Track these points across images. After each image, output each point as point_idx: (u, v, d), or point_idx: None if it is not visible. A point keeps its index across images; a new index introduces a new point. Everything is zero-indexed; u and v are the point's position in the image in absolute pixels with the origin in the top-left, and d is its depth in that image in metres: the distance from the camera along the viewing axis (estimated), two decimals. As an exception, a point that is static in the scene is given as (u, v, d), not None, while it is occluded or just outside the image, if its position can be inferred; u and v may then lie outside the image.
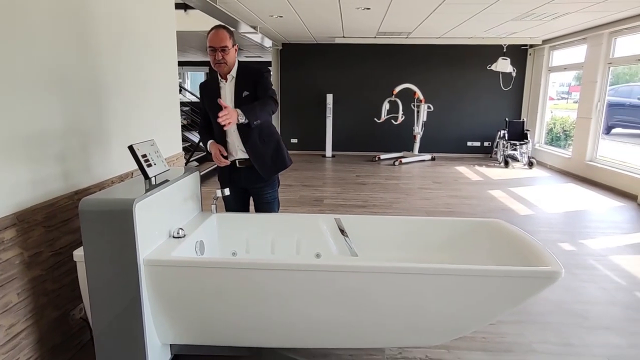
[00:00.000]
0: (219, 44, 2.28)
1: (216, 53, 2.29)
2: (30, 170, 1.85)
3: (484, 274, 1.72)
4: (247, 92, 2.36)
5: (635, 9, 5.10)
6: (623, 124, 10.87)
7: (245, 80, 2.39)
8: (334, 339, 1.92)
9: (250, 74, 2.40)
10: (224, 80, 2.40)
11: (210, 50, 2.30)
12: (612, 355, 2.22)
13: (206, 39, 2.32)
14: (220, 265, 1.80)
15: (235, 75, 2.39)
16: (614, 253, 3.62)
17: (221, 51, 2.28)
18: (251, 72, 2.40)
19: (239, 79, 2.40)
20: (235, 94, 2.39)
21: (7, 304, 1.73)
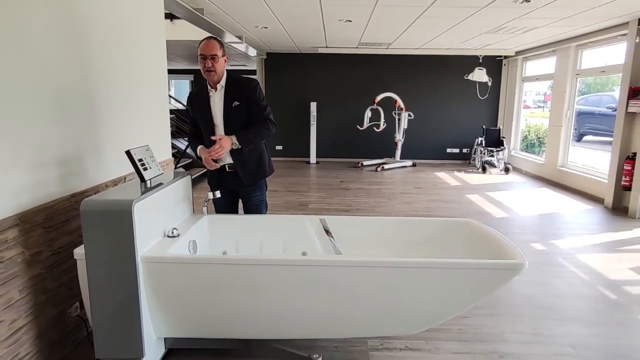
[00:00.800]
0: (209, 52, 2.42)
1: (206, 60, 2.42)
2: (31, 174, 1.94)
3: (457, 266, 1.89)
4: (237, 102, 2.49)
5: (598, 24, 5.46)
6: (593, 131, 11.40)
7: (234, 91, 2.53)
8: (320, 330, 2.06)
9: (240, 85, 2.54)
10: (214, 89, 2.53)
11: (201, 58, 2.44)
12: (576, 342, 2.41)
13: (197, 49, 2.46)
14: (213, 262, 1.93)
15: (224, 85, 2.53)
16: (581, 252, 3.86)
17: (211, 59, 2.42)
18: (241, 83, 2.54)
19: (228, 88, 2.53)
20: (224, 104, 2.52)
21: (10, 300, 1.82)
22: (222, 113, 2.51)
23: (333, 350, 2.26)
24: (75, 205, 2.27)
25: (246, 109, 2.52)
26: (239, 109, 2.50)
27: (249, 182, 2.62)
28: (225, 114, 2.50)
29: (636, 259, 3.70)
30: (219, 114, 2.52)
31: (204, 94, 2.57)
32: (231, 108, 2.50)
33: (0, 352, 1.77)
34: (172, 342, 2.16)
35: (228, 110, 2.50)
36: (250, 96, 2.52)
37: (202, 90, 2.59)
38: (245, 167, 2.58)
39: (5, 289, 1.79)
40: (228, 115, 2.50)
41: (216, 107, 2.53)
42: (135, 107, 2.92)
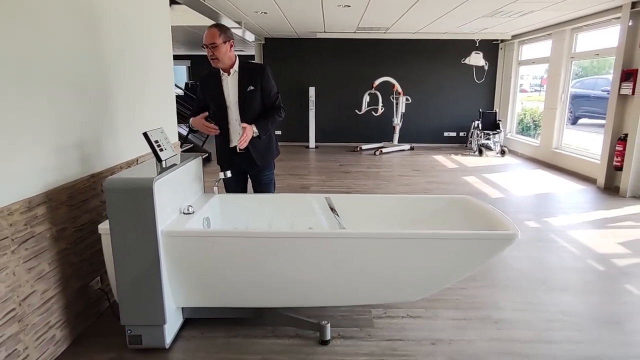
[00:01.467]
0: (208, 41, 2.52)
1: (208, 50, 2.53)
2: (54, 155, 2.06)
3: (455, 237, 2.04)
4: (252, 87, 2.62)
5: (592, 8, 5.54)
6: (588, 114, 11.54)
7: (248, 76, 2.64)
8: (328, 298, 2.22)
9: (255, 71, 2.66)
10: (227, 73, 2.63)
11: (204, 48, 2.54)
12: (566, 310, 2.59)
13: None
14: (229, 235, 2.07)
15: (237, 70, 2.64)
16: (572, 229, 4.04)
17: (211, 48, 2.52)
18: (255, 68, 2.67)
19: (242, 73, 2.64)
20: (239, 88, 2.63)
21: (41, 271, 1.95)
22: (237, 97, 2.62)
23: (340, 319, 2.42)
24: (94, 185, 2.39)
25: (259, 94, 2.65)
26: (254, 93, 2.63)
27: (260, 162, 2.75)
28: (241, 98, 2.62)
29: (625, 234, 3.88)
30: (232, 97, 2.63)
31: (216, 77, 2.66)
32: (246, 92, 2.62)
33: (34, 320, 1.91)
34: (189, 312, 2.32)
35: (243, 94, 2.62)
36: (265, 83, 2.65)
37: (214, 74, 2.68)
38: (257, 149, 2.71)
39: (37, 261, 1.93)
40: (243, 99, 2.62)
41: (230, 91, 2.64)
42: (145, 93, 3.02)
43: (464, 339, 2.25)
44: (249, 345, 2.20)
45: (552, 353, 2.14)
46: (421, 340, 2.25)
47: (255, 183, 2.86)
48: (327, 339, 2.21)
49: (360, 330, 2.33)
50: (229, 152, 2.73)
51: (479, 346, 2.19)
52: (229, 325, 2.34)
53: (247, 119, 2.63)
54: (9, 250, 1.75)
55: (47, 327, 1.99)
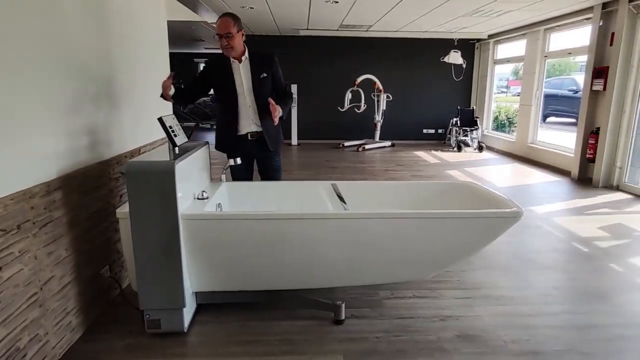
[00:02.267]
0: (224, 30, 2.54)
1: (222, 39, 2.55)
2: (67, 140, 2.03)
3: (465, 216, 2.15)
4: (264, 74, 2.68)
5: (566, 8, 5.85)
6: (556, 112, 12.10)
7: (260, 63, 2.70)
8: (342, 278, 2.28)
9: (265, 58, 2.73)
10: (238, 61, 2.66)
11: (218, 37, 2.56)
12: (557, 286, 2.76)
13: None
14: (246, 217, 2.10)
15: (248, 57, 2.67)
16: (554, 216, 4.26)
17: (226, 37, 2.55)
18: (264, 56, 2.73)
19: (254, 61, 2.69)
20: (252, 75, 2.67)
21: (59, 257, 1.93)
22: (251, 84, 2.67)
23: (350, 301, 2.49)
24: (103, 172, 2.37)
25: (270, 81, 2.72)
26: (266, 80, 2.69)
27: (273, 147, 2.80)
28: (254, 85, 2.67)
29: (603, 219, 4.13)
30: (246, 84, 2.67)
31: (225, 64, 2.67)
32: (259, 79, 2.67)
33: (53, 305, 1.88)
34: (202, 297, 2.33)
35: (256, 81, 2.67)
36: (275, 70, 2.73)
37: (222, 61, 2.68)
38: (270, 134, 2.77)
39: (55, 247, 1.90)
40: (258, 86, 2.67)
41: (242, 78, 2.67)
42: (145, 84, 3.00)
43: (471, 315, 2.37)
44: (265, 327, 2.23)
45: (553, 323, 2.28)
46: (431, 317, 2.35)
47: (265, 169, 2.89)
48: (342, 319, 2.27)
49: (371, 310, 2.41)
50: (236, 139, 2.74)
51: (486, 321, 2.31)
52: (242, 310, 2.37)
53: (261, 104, 2.68)
54: (30, 233, 1.73)
55: (65, 313, 1.97)
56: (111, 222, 2.44)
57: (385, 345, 2.08)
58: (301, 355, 2.00)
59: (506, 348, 2.07)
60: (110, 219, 2.43)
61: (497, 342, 2.11)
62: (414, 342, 2.11)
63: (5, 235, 1.58)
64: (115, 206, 2.48)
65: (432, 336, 2.16)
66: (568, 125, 10.97)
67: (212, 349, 2.04)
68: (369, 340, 2.12)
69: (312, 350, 2.04)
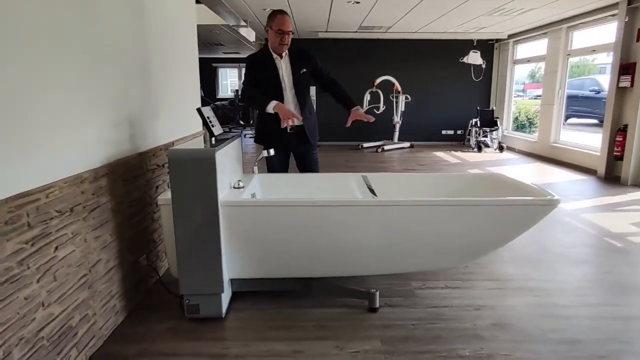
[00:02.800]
0: (288, 28, 2.65)
1: (283, 36, 2.63)
2: (113, 130, 2.11)
3: (501, 203, 2.15)
4: (304, 70, 2.77)
5: (590, 5, 5.79)
6: (577, 113, 11.91)
7: (299, 59, 2.79)
8: (376, 266, 2.30)
9: (303, 54, 2.82)
10: (279, 57, 2.74)
11: (279, 33, 2.63)
12: (594, 279, 2.72)
13: (272, 23, 2.64)
14: (284, 204, 2.14)
15: (287, 53, 2.74)
16: (583, 212, 4.20)
17: (287, 34, 2.64)
18: (300, 51, 2.82)
19: (293, 57, 2.78)
20: (292, 70, 2.76)
21: (105, 241, 2.00)
22: (292, 79, 2.75)
23: (382, 290, 2.49)
24: (142, 163, 2.44)
25: (309, 75, 2.82)
26: (306, 75, 2.79)
27: (312, 141, 2.92)
28: (295, 80, 2.76)
29: (635, 216, 4.05)
30: (287, 79, 2.76)
31: (268, 59, 2.74)
32: (300, 74, 2.76)
33: (100, 287, 1.95)
34: (237, 285, 2.37)
35: (297, 76, 2.76)
36: (314, 64, 2.83)
37: (264, 55, 2.76)
38: (309, 128, 2.87)
39: (102, 231, 1.97)
40: (298, 82, 2.76)
41: (284, 73, 2.75)
42: (178, 80, 3.08)
43: (506, 305, 2.36)
44: (300, 314, 2.26)
45: (591, 314, 2.26)
46: (465, 306, 2.34)
47: (303, 162, 2.96)
48: (376, 307, 2.28)
49: (404, 299, 2.42)
50: (279, 132, 2.78)
51: (521, 310, 2.30)
52: (276, 299, 2.40)
53: (301, 99, 2.78)
54: (81, 216, 1.79)
55: (110, 296, 2.03)
56: (148, 212, 2.51)
57: (421, 332, 2.08)
58: (337, 340, 2.02)
59: (544, 336, 2.05)
60: (147, 209, 2.50)
61: (534, 331, 2.10)
62: (449, 330, 2.11)
63: (60, 216, 1.64)
64: (152, 197, 2.55)
65: (467, 324, 2.16)
66: (590, 126, 10.80)
67: (250, 334, 2.08)
68: (404, 327, 2.13)
69: (348, 335, 2.06)
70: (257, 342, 2.01)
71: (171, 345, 1.98)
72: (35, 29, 1.51)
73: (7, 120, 1.38)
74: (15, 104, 1.41)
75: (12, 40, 1.40)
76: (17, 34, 1.42)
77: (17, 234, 1.41)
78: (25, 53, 1.47)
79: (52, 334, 1.59)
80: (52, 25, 1.61)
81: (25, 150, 1.47)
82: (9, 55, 1.39)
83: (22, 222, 1.43)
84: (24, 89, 1.46)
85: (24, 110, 1.46)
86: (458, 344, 1.98)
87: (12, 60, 1.40)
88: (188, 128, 3.24)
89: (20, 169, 1.43)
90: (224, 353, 1.92)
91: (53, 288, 1.60)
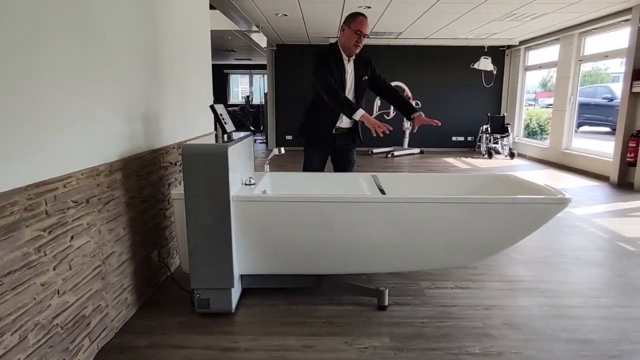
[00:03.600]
0: (367, 30, 2.70)
1: (360, 37, 2.68)
2: (128, 126, 2.16)
3: (511, 201, 2.14)
4: (365, 77, 2.81)
5: (604, 10, 5.76)
6: (590, 121, 11.79)
7: (362, 65, 2.83)
8: (387, 264, 2.30)
9: (364, 61, 2.85)
10: (348, 59, 2.78)
11: (357, 34, 2.67)
12: (606, 281, 2.68)
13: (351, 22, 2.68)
14: (295, 199, 2.15)
15: (354, 57, 2.79)
16: (596, 217, 4.15)
17: (364, 37, 2.69)
18: (366, 59, 2.86)
19: (358, 62, 2.82)
20: (355, 76, 2.80)
21: (118, 234, 2.03)
22: (354, 82, 2.80)
23: (391, 290, 2.49)
24: (155, 160, 2.48)
25: (367, 84, 2.86)
26: (366, 83, 2.84)
27: (364, 139, 2.98)
28: (357, 85, 2.81)
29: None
30: (350, 81, 2.80)
31: (338, 57, 2.77)
32: (362, 81, 2.81)
33: (113, 280, 1.98)
34: (247, 282, 2.39)
35: (359, 81, 2.81)
36: (374, 73, 2.87)
37: (336, 54, 2.77)
38: (363, 129, 2.90)
39: (116, 224, 2.01)
40: (358, 86, 2.81)
41: (349, 75, 2.80)
42: (192, 80, 3.14)
43: (516, 305, 2.34)
44: (309, 311, 2.27)
45: (604, 315, 2.23)
46: (475, 306, 2.33)
47: (344, 161, 3.02)
48: (385, 305, 2.28)
49: (414, 298, 2.41)
50: (331, 132, 2.86)
51: (532, 311, 2.27)
52: (285, 295, 2.41)
53: (360, 104, 2.79)
54: (96, 208, 1.83)
55: (122, 289, 2.06)
56: (160, 208, 2.55)
57: (431, 330, 2.07)
58: (347, 336, 2.02)
59: (556, 335, 2.03)
60: (160, 206, 2.54)
61: (545, 330, 2.08)
62: (459, 328, 2.09)
63: (77, 206, 1.68)
64: (164, 193, 2.59)
65: (477, 323, 2.14)
66: (603, 134, 10.67)
67: (260, 329, 2.09)
68: (414, 325, 2.12)
69: (357, 332, 2.06)
70: (267, 336, 2.02)
71: (181, 338, 2.00)
72: (64, 28, 1.57)
73: (31, 112, 1.42)
74: (39, 96, 1.46)
75: (40, 34, 1.45)
76: (44, 29, 1.48)
77: (35, 221, 1.44)
78: (50, 47, 1.52)
79: (66, 322, 1.62)
80: (80, 27, 1.67)
81: (47, 140, 1.51)
82: (35, 49, 1.43)
83: (40, 209, 1.47)
84: (50, 81, 1.51)
85: (47, 101, 1.50)
86: (468, 342, 1.97)
87: (37, 53, 1.45)
88: (200, 128, 3.29)
89: (40, 158, 1.48)
90: (233, 347, 1.93)
91: (68, 277, 1.63)
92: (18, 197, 1.36)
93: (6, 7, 1.32)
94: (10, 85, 1.34)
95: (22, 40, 1.39)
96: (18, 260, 1.37)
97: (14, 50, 1.35)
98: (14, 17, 1.35)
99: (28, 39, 1.42)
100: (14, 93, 1.36)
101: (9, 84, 1.33)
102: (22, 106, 1.39)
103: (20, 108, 1.38)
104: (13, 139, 1.35)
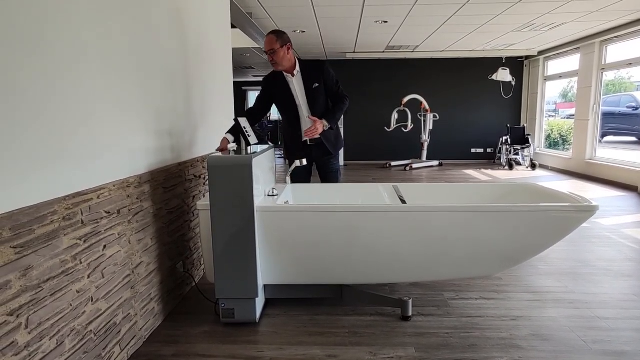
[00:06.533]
0: (267, 47, 2.71)
1: (269, 57, 2.73)
2: (156, 140, 2.23)
3: (538, 209, 2.12)
4: (317, 84, 2.81)
5: (624, 18, 5.70)
6: (615, 131, 11.52)
7: (311, 74, 2.83)
8: (411, 273, 2.29)
9: (315, 69, 2.85)
10: (291, 75, 2.82)
11: (265, 54, 2.74)
12: (635, 292, 2.60)
13: None
14: (319, 210, 2.17)
15: (299, 70, 2.82)
16: (624, 228, 4.03)
17: (270, 53, 2.71)
18: (313, 66, 2.86)
19: (305, 73, 2.83)
20: (305, 86, 2.82)
21: (147, 245, 2.09)
22: (305, 95, 2.80)
23: (414, 300, 2.48)
24: (180, 172, 2.55)
25: (324, 89, 2.83)
26: (319, 89, 2.82)
27: (334, 151, 2.92)
28: (308, 96, 2.81)
29: (680, 231, 3.86)
30: (300, 95, 2.82)
31: (281, 79, 2.84)
32: (312, 89, 2.80)
33: (141, 289, 2.03)
34: (271, 292, 2.41)
35: (310, 91, 2.81)
36: (326, 78, 2.85)
37: (278, 76, 2.85)
38: (329, 139, 2.88)
39: (144, 235, 2.07)
40: (311, 97, 2.81)
41: (297, 90, 2.83)
42: (214, 95, 3.23)
43: (544, 316, 2.29)
44: (333, 321, 2.27)
45: (638, 327, 2.16)
46: (501, 316, 2.29)
47: (325, 171, 3.00)
48: (408, 315, 2.27)
49: (438, 309, 2.39)
50: (301, 145, 2.88)
51: (561, 322, 2.22)
52: (308, 306, 2.42)
53: (317, 114, 2.80)
54: (126, 219, 1.90)
55: (149, 298, 2.11)
56: (185, 220, 2.61)
57: (456, 340, 2.05)
58: (371, 346, 2.01)
59: (587, 347, 1.97)
60: (185, 217, 2.60)
61: (576, 342, 2.02)
62: (485, 339, 2.06)
63: (109, 216, 1.75)
64: (189, 205, 2.66)
65: (504, 334, 2.10)
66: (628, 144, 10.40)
67: (284, 339, 2.10)
68: (439, 335, 2.09)
69: (381, 342, 2.05)
70: (292, 346, 2.03)
71: (207, 347, 2.02)
72: (108, 51, 1.66)
73: (70, 128, 1.50)
74: (78, 112, 1.54)
75: (87, 59, 1.54)
76: (89, 52, 1.57)
77: (72, 230, 1.51)
78: (93, 66, 1.61)
79: (99, 329, 1.67)
80: (117, 49, 1.76)
81: (83, 154, 1.58)
82: (77, 70, 1.52)
83: (77, 219, 1.53)
84: (89, 97, 1.59)
85: (84, 116, 1.58)
86: (495, 353, 1.94)
87: (77, 72, 1.54)
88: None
89: (77, 171, 1.55)
90: (259, 356, 1.95)
91: (101, 284, 1.69)
92: (58, 207, 1.42)
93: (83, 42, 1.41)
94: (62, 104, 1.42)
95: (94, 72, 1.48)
96: (57, 267, 1.43)
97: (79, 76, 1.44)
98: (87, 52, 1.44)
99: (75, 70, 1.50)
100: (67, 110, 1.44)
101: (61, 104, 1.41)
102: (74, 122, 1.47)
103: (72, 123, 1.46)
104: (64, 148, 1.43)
